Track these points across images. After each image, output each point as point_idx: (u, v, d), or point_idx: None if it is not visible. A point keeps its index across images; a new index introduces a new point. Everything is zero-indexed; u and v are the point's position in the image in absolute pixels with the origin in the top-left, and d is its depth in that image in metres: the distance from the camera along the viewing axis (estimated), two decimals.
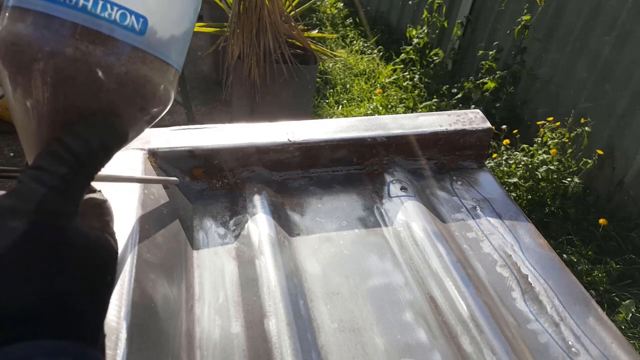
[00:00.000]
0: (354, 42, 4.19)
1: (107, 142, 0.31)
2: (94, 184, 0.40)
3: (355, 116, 1.62)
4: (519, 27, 2.72)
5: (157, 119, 0.37)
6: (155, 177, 0.66)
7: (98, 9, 0.29)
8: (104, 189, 0.40)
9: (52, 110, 0.31)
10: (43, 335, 0.25)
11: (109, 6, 0.29)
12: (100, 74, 0.30)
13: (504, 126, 2.51)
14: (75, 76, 0.30)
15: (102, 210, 0.37)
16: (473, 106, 2.95)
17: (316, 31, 3.65)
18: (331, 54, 2.59)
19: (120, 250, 0.48)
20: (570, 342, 0.55)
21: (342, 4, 4.85)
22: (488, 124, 0.81)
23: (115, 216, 0.39)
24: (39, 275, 0.26)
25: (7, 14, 0.30)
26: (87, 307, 0.29)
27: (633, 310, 1.80)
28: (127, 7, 0.30)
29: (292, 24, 2.33)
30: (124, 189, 0.57)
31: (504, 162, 2.40)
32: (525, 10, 2.74)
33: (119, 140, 0.32)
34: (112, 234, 0.35)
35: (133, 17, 0.31)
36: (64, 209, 0.28)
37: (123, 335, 0.41)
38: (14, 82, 0.30)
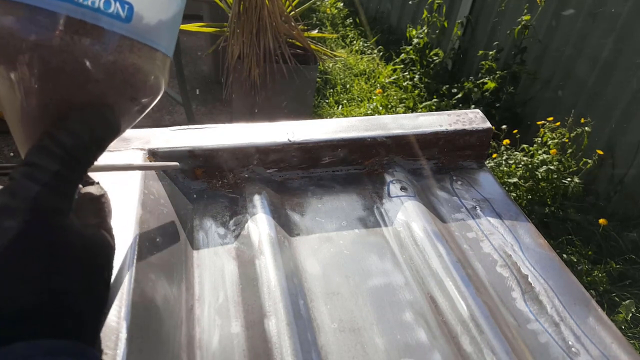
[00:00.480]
0: (354, 42, 4.19)
1: (99, 134, 0.31)
2: (92, 175, 0.39)
3: (355, 116, 1.62)
4: (519, 27, 2.72)
5: (149, 108, 0.36)
6: (155, 163, 0.64)
7: None
8: (101, 182, 0.39)
9: (41, 104, 0.30)
10: (42, 335, 0.25)
11: None
12: (87, 64, 0.29)
13: (504, 126, 2.51)
14: (62, 67, 0.29)
15: (99, 205, 0.36)
16: (473, 106, 2.95)
17: (316, 31, 3.65)
18: (331, 54, 2.59)
19: (120, 251, 0.48)
20: (570, 342, 0.55)
21: (342, 4, 4.85)
22: (488, 124, 0.81)
23: (113, 210, 0.38)
24: (37, 275, 0.26)
25: None
26: (85, 306, 0.29)
27: (633, 310, 1.80)
28: None
29: (292, 24, 2.33)
30: (122, 185, 0.57)
31: (504, 162, 2.40)
32: (525, 10, 2.74)
33: (111, 132, 0.32)
34: (109, 230, 0.34)
35: (118, 4, 0.29)
36: (58, 206, 0.28)
37: (123, 335, 0.41)
38: (3, 75, 0.30)
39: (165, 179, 0.67)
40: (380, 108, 3.18)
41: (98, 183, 0.38)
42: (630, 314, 1.79)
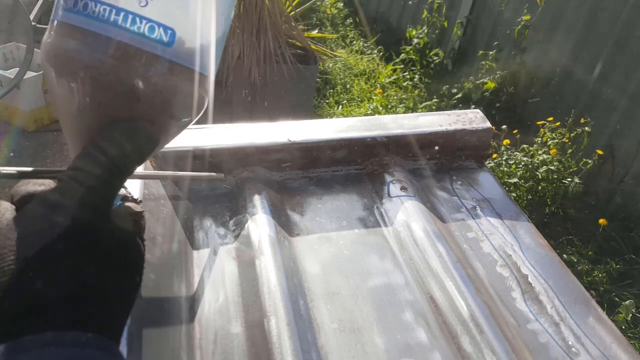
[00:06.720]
0: (354, 42, 4.19)
1: (139, 146, 0.33)
2: (134, 194, 0.41)
3: (355, 116, 1.62)
4: (519, 27, 2.72)
5: (190, 125, 0.38)
6: (201, 174, 0.66)
7: (128, 23, 0.31)
8: None
9: (89, 117, 0.33)
10: (74, 325, 0.27)
11: (138, 20, 0.31)
12: (132, 84, 0.32)
13: (504, 126, 2.51)
14: (108, 87, 0.32)
15: (137, 217, 0.39)
16: (473, 106, 2.95)
17: (316, 31, 3.65)
18: (331, 54, 2.60)
19: None
20: (570, 342, 0.55)
21: (342, 4, 4.85)
22: (488, 124, 0.81)
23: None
24: (76, 267, 0.28)
25: (50, 27, 0.33)
26: (114, 304, 0.31)
27: (633, 310, 1.80)
28: (156, 20, 0.32)
29: (292, 24, 2.33)
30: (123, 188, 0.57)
31: (504, 162, 2.40)
32: (525, 10, 2.74)
33: (150, 144, 0.34)
34: (143, 241, 0.37)
35: (161, 30, 0.32)
36: (99, 207, 0.31)
37: (123, 335, 0.41)
38: (61, 89, 0.33)
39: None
40: (380, 108, 3.17)
41: (141, 201, 0.41)
42: (630, 314, 1.79)
